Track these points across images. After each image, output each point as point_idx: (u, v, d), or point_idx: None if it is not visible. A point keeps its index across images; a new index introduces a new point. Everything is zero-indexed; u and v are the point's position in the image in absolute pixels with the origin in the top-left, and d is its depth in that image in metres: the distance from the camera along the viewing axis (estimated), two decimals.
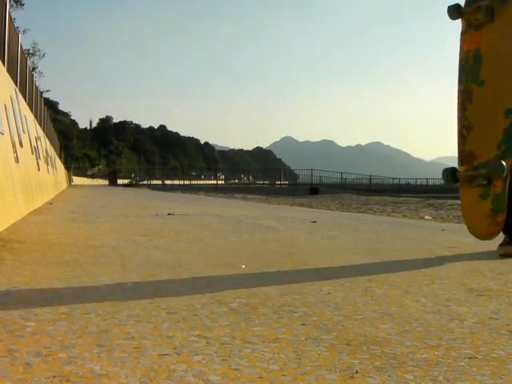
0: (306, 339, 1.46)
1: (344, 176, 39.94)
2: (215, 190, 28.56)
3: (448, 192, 22.95)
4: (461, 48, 3.22)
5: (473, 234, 3.23)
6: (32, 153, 8.40)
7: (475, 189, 3.12)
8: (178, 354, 1.29)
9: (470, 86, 3.13)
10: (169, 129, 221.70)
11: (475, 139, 3.14)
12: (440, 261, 3.22)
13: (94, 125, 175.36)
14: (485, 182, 3.05)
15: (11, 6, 9.59)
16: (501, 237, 3.23)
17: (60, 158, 26.89)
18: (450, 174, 3.21)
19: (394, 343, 1.45)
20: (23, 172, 6.24)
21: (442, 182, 3.33)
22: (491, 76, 3.10)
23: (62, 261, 2.73)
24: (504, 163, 2.96)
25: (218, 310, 1.78)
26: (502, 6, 3.04)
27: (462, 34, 3.22)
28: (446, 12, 3.23)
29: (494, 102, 3.08)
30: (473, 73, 3.13)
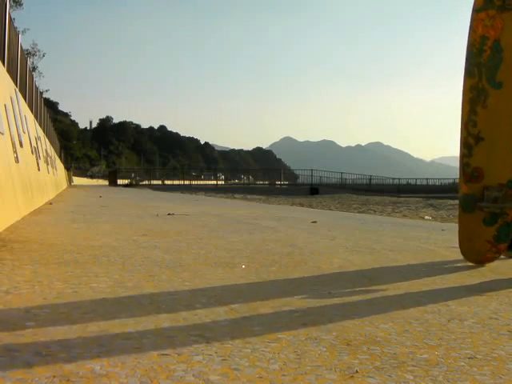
0: (305, 339, 1.46)
1: (344, 176, 39.91)
2: (215, 190, 28.55)
3: (448, 192, 22.97)
4: (473, 28, 2.63)
5: (466, 256, 2.96)
6: (32, 153, 8.40)
7: (480, 212, 2.82)
8: (178, 354, 1.29)
9: (485, 86, 2.67)
10: (169, 129, 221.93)
11: (486, 154, 2.74)
12: (440, 261, 3.22)
13: (94, 125, 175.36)
14: (498, 211, 2.79)
15: (11, 6, 9.59)
16: None
17: (60, 158, 26.88)
18: (473, 204, 2.82)
19: (394, 343, 1.45)
20: (23, 172, 6.24)
21: (442, 182, 3.26)
22: None
23: (61, 261, 2.73)
24: None
25: (218, 309, 1.78)
26: None
27: (477, 10, 2.61)
28: None
29: None
30: (489, 68, 2.65)
